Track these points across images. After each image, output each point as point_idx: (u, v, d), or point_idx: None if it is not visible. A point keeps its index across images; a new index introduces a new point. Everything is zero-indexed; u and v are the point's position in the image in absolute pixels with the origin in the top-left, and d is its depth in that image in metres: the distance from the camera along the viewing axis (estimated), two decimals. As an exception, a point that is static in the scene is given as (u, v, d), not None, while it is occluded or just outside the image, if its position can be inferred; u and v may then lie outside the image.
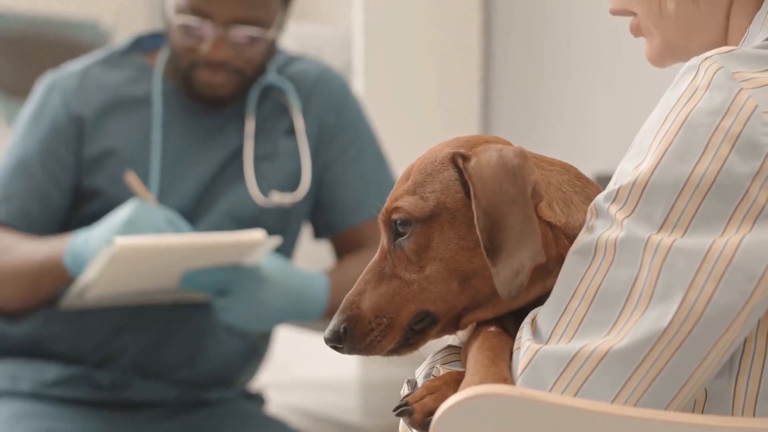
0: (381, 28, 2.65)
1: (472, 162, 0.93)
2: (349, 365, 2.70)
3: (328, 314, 1.89)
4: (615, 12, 1.08)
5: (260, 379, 2.36)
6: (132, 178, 1.83)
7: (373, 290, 0.95)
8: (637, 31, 1.07)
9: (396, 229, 0.96)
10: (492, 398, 0.80)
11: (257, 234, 1.73)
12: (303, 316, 1.88)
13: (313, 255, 2.46)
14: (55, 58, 3.49)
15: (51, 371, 1.88)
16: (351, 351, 0.94)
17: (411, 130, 2.68)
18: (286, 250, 1.99)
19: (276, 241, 1.77)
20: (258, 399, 2.06)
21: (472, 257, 0.93)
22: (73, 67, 2.00)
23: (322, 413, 2.36)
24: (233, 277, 1.78)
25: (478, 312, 0.95)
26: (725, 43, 1.02)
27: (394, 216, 0.95)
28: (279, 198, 1.95)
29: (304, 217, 2.01)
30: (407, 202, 0.95)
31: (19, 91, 3.51)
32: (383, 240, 0.97)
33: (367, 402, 2.57)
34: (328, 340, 0.95)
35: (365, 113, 2.07)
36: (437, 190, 0.94)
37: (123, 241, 1.67)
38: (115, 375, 1.90)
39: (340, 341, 0.94)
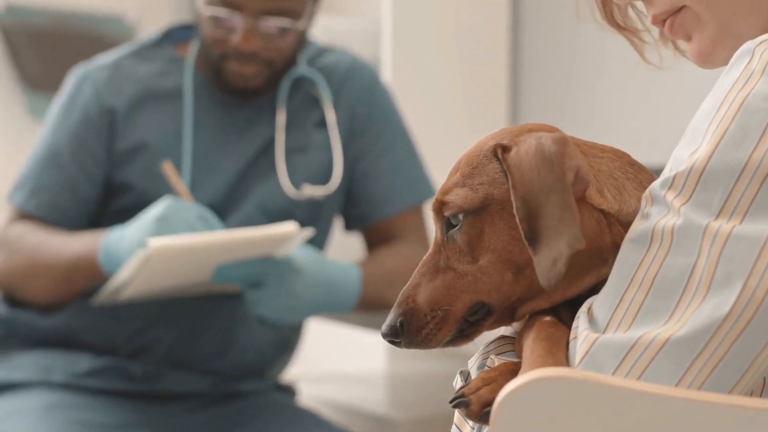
0: (409, 20, 2.64)
1: (512, 153, 0.93)
2: (377, 358, 2.70)
3: (361, 306, 1.89)
4: (661, 14, 1.04)
5: (290, 371, 2.36)
6: (168, 168, 1.82)
7: (428, 283, 0.94)
8: (677, 30, 1.04)
9: (448, 221, 0.95)
10: (555, 381, 0.79)
11: (290, 227, 1.72)
12: (335, 308, 1.87)
13: (345, 247, 2.46)
14: (80, 52, 3.50)
15: (84, 362, 1.88)
16: (408, 345, 0.94)
17: (439, 122, 2.68)
18: (318, 242, 1.98)
19: (308, 232, 1.76)
20: (289, 391, 2.06)
21: (523, 248, 0.92)
22: (104, 59, 2.00)
23: (351, 405, 2.36)
24: (265, 270, 1.78)
25: (533, 302, 0.94)
26: None
27: (446, 212, 0.95)
28: (311, 191, 1.94)
29: (335, 209, 2.00)
30: (457, 195, 0.94)
31: (44, 86, 3.51)
32: (436, 232, 0.97)
33: (395, 394, 2.57)
34: (385, 335, 0.94)
35: (396, 104, 2.06)
36: (485, 182, 0.94)
37: (157, 242, 1.66)
38: (148, 366, 1.90)
39: (397, 335, 0.94)
